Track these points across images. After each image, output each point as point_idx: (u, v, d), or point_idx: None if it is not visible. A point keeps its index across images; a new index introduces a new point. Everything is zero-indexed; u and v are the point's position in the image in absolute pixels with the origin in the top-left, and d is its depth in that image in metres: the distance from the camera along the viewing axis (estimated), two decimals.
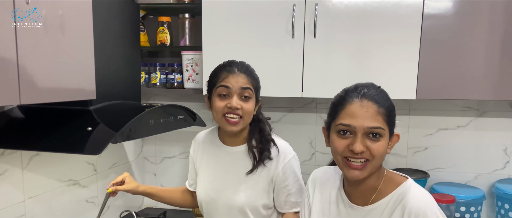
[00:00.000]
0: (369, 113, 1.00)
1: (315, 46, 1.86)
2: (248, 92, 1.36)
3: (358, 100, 1.02)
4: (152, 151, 2.52)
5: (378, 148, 1.00)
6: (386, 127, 1.02)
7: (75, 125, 1.44)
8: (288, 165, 1.40)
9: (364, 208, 1.08)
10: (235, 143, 1.45)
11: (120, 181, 1.52)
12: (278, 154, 1.41)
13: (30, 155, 1.63)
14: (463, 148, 2.10)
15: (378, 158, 1.02)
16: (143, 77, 2.25)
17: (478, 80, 1.75)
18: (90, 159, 2.02)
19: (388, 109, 1.03)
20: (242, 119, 1.36)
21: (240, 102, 1.34)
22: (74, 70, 1.35)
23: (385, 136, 1.02)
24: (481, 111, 2.06)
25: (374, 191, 1.08)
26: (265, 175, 1.40)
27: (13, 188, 1.57)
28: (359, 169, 1.02)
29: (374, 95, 1.02)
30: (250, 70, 1.41)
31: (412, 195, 1.03)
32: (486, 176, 2.08)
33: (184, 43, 2.23)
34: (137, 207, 2.47)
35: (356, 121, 1.01)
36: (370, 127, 1.00)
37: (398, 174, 1.11)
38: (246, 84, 1.35)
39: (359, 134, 1.00)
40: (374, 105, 1.01)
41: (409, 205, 1.01)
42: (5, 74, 1.08)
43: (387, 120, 1.02)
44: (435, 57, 1.76)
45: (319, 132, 2.28)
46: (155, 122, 1.61)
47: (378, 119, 1.00)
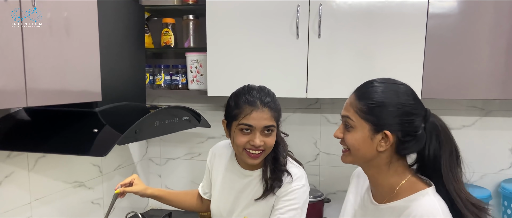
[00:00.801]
0: (347, 104, 1.11)
1: (319, 47, 1.86)
2: (272, 127, 1.32)
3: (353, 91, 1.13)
4: (156, 153, 2.53)
5: (348, 139, 1.09)
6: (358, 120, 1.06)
7: (81, 126, 1.45)
8: (290, 190, 1.36)
9: (379, 205, 1.10)
10: (251, 168, 1.43)
11: (129, 182, 1.52)
12: (290, 180, 1.38)
13: (36, 157, 1.64)
14: (469, 148, 2.07)
15: (353, 149, 1.08)
16: (148, 79, 2.25)
17: (484, 79, 1.74)
18: (96, 161, 2.02)
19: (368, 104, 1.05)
20: (263, 152, 1.34)
21: (263, 138, 1.31)
22: (80, 72, 1.35)
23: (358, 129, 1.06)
24: (487, 110, 2.05)
25: (390, 189, 1.08)
26: (273, 200, 1.39)
27: (20, 190, 1.58)
28: (343, 154, 1.14)
29: (363, 89, 1.10)
30: (273, 101, 1.34)
31: (420, 203, 1.01)
32: (492, 175, 2.07)
33: (188, 44, 2.23)
34: (142, 208, 2.47)
35: (342, 109, 1.13)
36: (342, 116, 1.11)
37: (422, 181, 1.08)
38: (270, 121, 1.31)
39: (341, 123, 1.13)
40: (353, 97, 1.09)
41: (413, 212, 1.00)
42: (12, 77, 1.09)
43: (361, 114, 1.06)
44: (440, 56, 1.76)
45: (323, 132, 2.27)
46: (160, 124, 1.62)
47: (349, 110, 1.09)
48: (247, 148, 1.32)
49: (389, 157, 1.06)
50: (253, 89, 1.35)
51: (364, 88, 1.07)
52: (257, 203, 1.40)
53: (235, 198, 1.45)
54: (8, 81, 1.08)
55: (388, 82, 1.07)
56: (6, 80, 1.08)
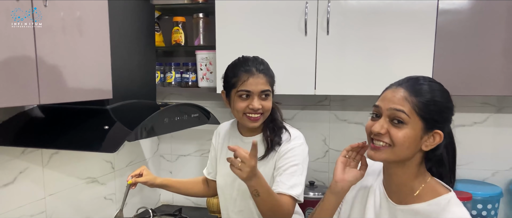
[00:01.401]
0: (397, 97, 1.02)
1: (328, 44, 1.87)
2: (267, 92, 1.43)
3: (394, 87, 1.05)
4: (167, 149, 2.56)
5: (398, 135, 1.01)
6: (413, 117, 1.00)
7: (93, 124, 1.48)
8: (290, 147, 1.43)
9: (398, 206, 1.07)
10: (252, 133, 1.51)
11: (138, 173, 1.60)
12: (289, 139, 1.45)
13: (50, 153, 1.68)
14: (481, 145, 2.07)
15: (399, 146, 1.01)
16: (159, 77, 2.28)
17: (495, 75, 1.73)
18: (108, 157, 2.06)
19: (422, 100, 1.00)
20: (262, 115, 1.44)
21: (261, 102, 1.42)
22: (91, 70, 1.38)
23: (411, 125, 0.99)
24: (499, 107, 2.03)
25: (410, 190, 1.06)
26: (274, 159, 1.45)
27: (34, 185, 1.62)
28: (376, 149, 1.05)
29: (413, 85, 1.02)
30: (266, 68, 1.45)
31: (452, 209, 1.00)
32: (504, 173, 2.05)
33: (198, 42, 2.25)
34: (153, 203, 2.51)
35: (383, 103, 1.04)
36: (392, 108, 1.01)
37: (442, 185, 1.08)
38: (266, 85, 1.42)
39: (383, 116, 1.03)
40: (405, 92, 1.02)
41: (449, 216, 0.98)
42: (25, 74, 1.12)
43: (417, 110, 1.00)
44: (451, 53, 1.75)
45: (332, 129, 2.28)
46: (169, 121, 1.64)
47: (404, 104, 1.01)
48: (247, 112, 1.42)
49: (422, 158, 1.06)
50: (248, 59, 1.46)
51: (416, 84, 1.02)
52: (261, 163, 1.45)
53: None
54: (21, 79, 1.11)
55: (433, 81, 1.06)
56: (19, 78, 1.11)
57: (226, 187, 1.54)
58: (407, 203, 1.06)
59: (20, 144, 1.50)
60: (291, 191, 1.37)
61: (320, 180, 2.32)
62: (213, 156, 1.66)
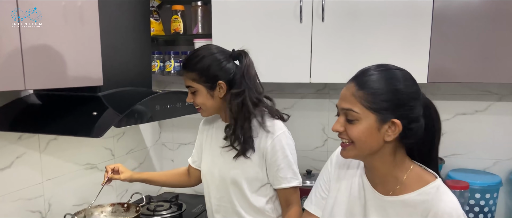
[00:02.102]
0: (346, 94, 1.02)
1: (323, 31, 1.85)
2: (191, 89, 1.45)
3: (348, 82, 1.04)
4: (169, 138, 2.59)
5: (353, 132, 1.00)
6: (363, 111, 0.98)
7: (84, 110, 1.51)
8: (277, 141, 1.42)
9: (386, 197, 1.06)
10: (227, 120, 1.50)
11: (113, 168, 1.64)
12: (267, 134, 1.44)
13: (48, 139, 1.73)
14: (482, 134, 2.03)
15: (359, 142, 1.00)
16: (158, 66, 2.30)
17: (495, 62, 1.67)
18: (107, 144, 2.10)
19: (370, 92, 0.98)
20: (201, 109, 1.48)
21: (191, 97, 1.46)
22: (80, 57, 1.41)
23: (364, 120, 0.99)
24: (501, 95, 1.98)
25: (395, 180, 1.05)
26: (256, 149, 1.44)
27: (32, 170, 1.67)
28: (343, 147, 1.05)
29: (363, 77, 1.00)
30: (195, 62, 1.42)
31: (440, 198, 0.99)
32: (505, 162, 2.00)
33: (196, 31, 2.26)
34: (155, 191, 2.55)
35: (339, 101, 1.04)
36: (342, 108, 1.02)
37: (427, 171, 1.06)
38: (188, 82, 1.45)
39: (340, 115, 1.04)
40: (354, 87, 1.01)
41: (435, 208, 0.97)
42: (9, 59, 1.15)
43: (365, 104, 0.98)
44: (448, 38, 1.70)
45: (331, 118, 2.26)
46: (161, 108, 1.66)
47: (352, 101, 1.00)
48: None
49: (394, 147, 1.03)
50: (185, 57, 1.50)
51: (364, 76, 1.01)
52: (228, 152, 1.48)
53: (223, 152, 1.50)
54: (6, 64, 1.15)
55: (387, 68, 1.03)
56: (4, 63, 1.14)
57: (208, 174, 1.56)
58: (395, 194, 1.04)
59: (16, 129, 1.54)
60: (293, 182, 1.46)
61: (318, 169, 2.28)
62: (199, 145, 1.68)
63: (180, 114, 1.84)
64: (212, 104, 1.45)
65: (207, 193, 1.58)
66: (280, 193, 1.49)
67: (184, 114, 1.86)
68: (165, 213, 1.99)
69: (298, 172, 1.49)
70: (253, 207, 1.48)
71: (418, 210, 1.00)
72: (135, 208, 1.72)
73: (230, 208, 1.50)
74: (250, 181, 1.46)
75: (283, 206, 1.51)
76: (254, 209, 1.48)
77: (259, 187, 1.48)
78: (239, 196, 1.48)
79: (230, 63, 1.45)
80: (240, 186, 1.46)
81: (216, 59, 1.42)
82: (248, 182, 1.46)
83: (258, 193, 1.48)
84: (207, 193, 1.58)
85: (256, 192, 1.47)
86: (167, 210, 2.04)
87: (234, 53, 1.47)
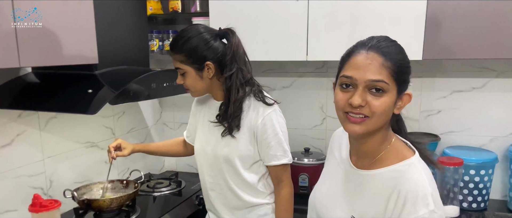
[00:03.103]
0: (373, 65, 0.92)
1: (319, 8, 1.84)
2: (180, 70, 1.45)
3: (364, 51, 0.94)
4: (170, 117, 2.62)
5: (378, 105, 0.93)
6: (391, 83, 0.93)
7: (80, 88, 1.53)
8: (267, 118, 1.44)
9: (360, 171, 1.04)
10: (220, 99, 1.52)
11: (116, 146, 1.66)
12: (257, 112, 1.45)
13: (48, 118, 1.76)
14: (479, 111, 2.02)
15: (378, 116, 0.94)
16: (157, 45, 2.32)
17: (492, 37, 1.66)
18: (108, 123, 2.14)
19: (397, 63, 0.93)
20: (190, 90, 1.49)
21: (181, 79, 1.47)
22: (74, 35, 1.43)
23: (390, 92, 0.93)
24: (498, 71, 1.96)
25: (374, 155, 1.02)
26: (247, 127, 1.46)
27: (32, 148, 1.71)
28: (358, 122, 0.95)
29: (383, 47, 0.94)
30: (176, 44, 1.43)
31: (408, 176, 0.95)
32: (501, 139, 2.00)
33: (195, 9, 2.26)
34: (158, 169, 2.59)
35: (358, 73, 0.93)
36: (371, 80, 0.92)
37: (406, 147, 1.03)
38: (176, 64, 1.45)
39: (360, 87, 0.93)
40: (380, 57, 0.92)
41: (400, 186, 0.94)
42: (4, 37, 1.17)
43: (394, 75, 0.93)
44: (444, 13, 1.69)
45: (330, 97, 2.27)
46: (157, 86, 1.68)
47: (382, 73, 0.92)
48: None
49: (389, 120, 1.01)
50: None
51: (386, 46, 0.95)
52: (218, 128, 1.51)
53: (216, 129, 1.52)
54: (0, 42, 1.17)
55: (393, 40, 1.00)
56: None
57: (201, 152, 1.59)
58: (371, 168, 1.01)
59: (16, 106, 1.57)
60: (283, 159, 1.48)
61: (317, 147, 2.33)
62: (192, 122, 1.70)
63: (180, 92, 1.87)
64: (201, 85, 1.46)
65: (201, 172, 1.61)
66: (271, 170, 1.52)
67: (181, 92, 1.88)
68: (165, 190, 2.04)
69: (289, 150, 1.50)
70: (247, 183, 1.50)
71: (385, 186, 0.97)
72: (134, 184, 1.76)
73: (224, 185, 1.53)
74: (243, 159, 1.48)
75: (274, 183, 1.54)
76: (247, 186, 1.51)
77: (251, 164, 1.50)
78: (233, 173, 1.50)
79: (217, 42, 1.44)
80: (233, 163, 1.48)
81: (203, 39, 1.41)
82: (241, 160, 1.48)
83: (250, 170, 1.50)
84: (201, 172, 1.61)
85: (248, 169, 1.50)
86: (167, 187, 2.08)
87: (221, 32, 1.46)
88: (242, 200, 1.51)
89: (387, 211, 0.95)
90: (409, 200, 0.92)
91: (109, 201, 1.58)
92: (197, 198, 1.97)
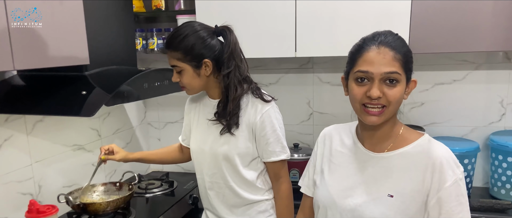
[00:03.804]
0: (386, 59, 1.02)
1: (307, 5, 1.87)
2: (176, 68, 1.44)
3: (375, 47, 1.04)
4: (155, 117, 2.59)
5: (394, 94, 1.03)
6: (402, 73, 1.03)
7: (72, 90, 1.49)
8: (266, 115, 1.45)
9: (381, 154, 1.11)
10: (214, 97, 1.52)
11: (107, 149, 1.64)
12: (256, 109, 1.46)
13: (34, 121, 1.71)
14: (460, 102, 2.11)
15: (394, 104, 1.04)
16: (141, 43, 2.28)
17: (472, 31, 1.74)
18: (93, 125, 2.09)
19: (405, 55, 1.04)
20: (187, 88, 1.48)
21: (177, 76, 1.46)
22: (66, 36, 1.39)
23: (402, 81, 1.04)
24: (477, 64, 2.05)
25: (389, 139, 1.11)
26: (246, 124, 1.47)
27: (20, 152, 1.66)
28: (377, 115, 1.05)
29: (391, 42, 1.04)
30: (172, 41, 1.42)
31: (434, 147, 1.07)
32: (482, 129, 2.10)
33: (179, 7, 2.24)
34: (144, 170, 2.56)
35: (373, 67, 1.02)
36: (387, 72, 1.02)
37: (413, 130, 1.15)
38: (173, 62, 1.44)
39: (376, 80, 1.02)
40: (391, 51, 1.03)
41: (434, 155, 1.05)
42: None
43: (404, 66, 1.04)
44: (428, 9, 1.75)
45: (316, 92, 2.30)
46: (149, 86, 1.66)
47: (395, 65, 1.02)
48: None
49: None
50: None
51: (396, 40, 1.05)
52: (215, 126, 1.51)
53: (212, 128, 1.52)
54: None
55: (395, 33, 1.10)
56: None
57: (198, 151, 1.57)
58: (390, 150, 1.10)
59: (3, 111, 1.52)
60: (282, 155, 1.49)
61: (305, 142, 2.37)
62: (187, 124, 1.69)
63: (168, 92, 1.85)
64: (198, 83, 1.45)
65: (199, 171, 1.60)
66: (269, 166, 1.53)
67: (172, 91, 1.87)
68: (157, 191, 2.02)
69: (286, 146, 1.53)
70: (246, 181, 1.51)
71: (414, 160, 1.07)
72: (128, 186, 1.74)
73: (223, 183, 1.53)
74: (242, 156, 1.49)
75: (272, 179, 1.55)
76: (246, 183, 1.52)
77: (250, 161, 1.51)
78: (232, 171, 1.51)
79: (214, 39, 1.44)
80: (232, 161, 1.48)
81: (200, 37, 1.41)
82: (240, 157, 1.49)
83: (249, 167, 1.51)
84: (199, 171, 1.60)
85: (247, 166, 1.51)
86: (159, 188, 2.06)
87: (218, 29, 1.46)
88: (241, 197, 1.52)
89: (425, 182, 1.05)
90: (444, 165, 1.04)
91: (106, 204, 1.56)
92: (191, 197, 1.96)
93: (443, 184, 1.03)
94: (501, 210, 1.80)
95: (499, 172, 1.91)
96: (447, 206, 1.03)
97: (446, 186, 1.03)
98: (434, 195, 1.04)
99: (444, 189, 1.03)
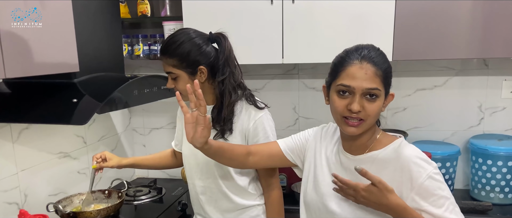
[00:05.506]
0: (368, 75, 1.06)
1: (293, 12, 1.90)
2: (171, 75, 1.44)
3: (358, 61, 1.08)
4: (140, 123, 2.57)
5: (373, 109, 1.08)
6: (382, 88, 1.08)
7: (61, 97, 1.48)
8: (259, 121, 1.47)
9: (357, 157, 1.18)
10: (209, 103, 1.51)
11: (100, 156, 1.63)
12: (249, 115, 1.47)
13: (20, 129, 1.67)
14: (440, 107, 2.18)
15: (372, 118, 1.10)
16: (126, 50, 2.26)
17: (456, 39, 1.80)
18: (79, 132, 2.06)
19: (385, 71, 1.09)
20: (182, 95, 1.43)
21: (172, 83, 1.45)
22: (57, 44, 1.37)
23: (381, 96, 1.09)
24: (457, 70, 2.13)
25: (367, 144, 1.17)
26: (239, 130, 1.48)
27: (5, 161, 1.62)
28: (356, 126, 1.10)
29: (373, 57, 1.09)
30: (171, 49, 1.42)
31: (405, 149, 1.12)
32: (462, 133, 2.17)
33: (165, 13, 2.24)
34: (129, 177, 2.53)
35: (355, 82, 1.07)
36: (368, 88, 1.06)
37: (390, 135, 1.22)
38: (168, 68, 1.43)
39: (357, 95, 1.07)
40: (373, 67, 1.07)
41: (402, 156, 1.10)
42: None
43: (383, 81, 1.08)
44: (411, 17, 1.81)
45: (302, 98, 2.34)
46: (139, 93, 1.65)
47: (375, 81, 1.07)
48: None
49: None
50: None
51: (376, 56, 1.09)
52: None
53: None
54: None
55: (377, 48, 1.14)
56: None
57: (191, 157, 1.57)
58: (367, 152, 1.17)
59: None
60: None
61: None
62: (179, 128, 1.69)
63: (157, 98, 1.85)
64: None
65: (190, 176, 1.60)
66: (260, 173, 1.54)
67: (160, 98, 1.87)
68: (145, 198, 2.00)
69: None
70: (238, 186, 1.52)
71: (387, 161, 1.12)
72: (117, 194, 1.72)
73: (216, 189, 1.54)
74: None
75: (264, 186, 1.56)
76: (239, 188, 1.53)
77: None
78: (225, 176, 1.51)
79: (209, 46, 1.45)
80: (225, 167, 1.49)
81: (196, 44, 1.42)
82: None
83: (242, 173, 1.52)
84: (190, 176, 1.60)
85: (240, 172, 1.52)
86: (147, 194, 2.05)
87: (212, 36, 1.47)
88: (233, 202, 1.53)
89: (395, 183, 1.08)
90: (411, 165, 1.08)
91: (96, 213, 1.54)
92: (180, 204, 1.95)
93: (415, 181, 1.06)
94: (482, 211, 1.86)
95: (479, 175, 1.98)
96: (426, 201, 1.06)
97: (419, 183, 1.06)
98: (408, 194, 1.07)
99: (418, 187, 1.06)
